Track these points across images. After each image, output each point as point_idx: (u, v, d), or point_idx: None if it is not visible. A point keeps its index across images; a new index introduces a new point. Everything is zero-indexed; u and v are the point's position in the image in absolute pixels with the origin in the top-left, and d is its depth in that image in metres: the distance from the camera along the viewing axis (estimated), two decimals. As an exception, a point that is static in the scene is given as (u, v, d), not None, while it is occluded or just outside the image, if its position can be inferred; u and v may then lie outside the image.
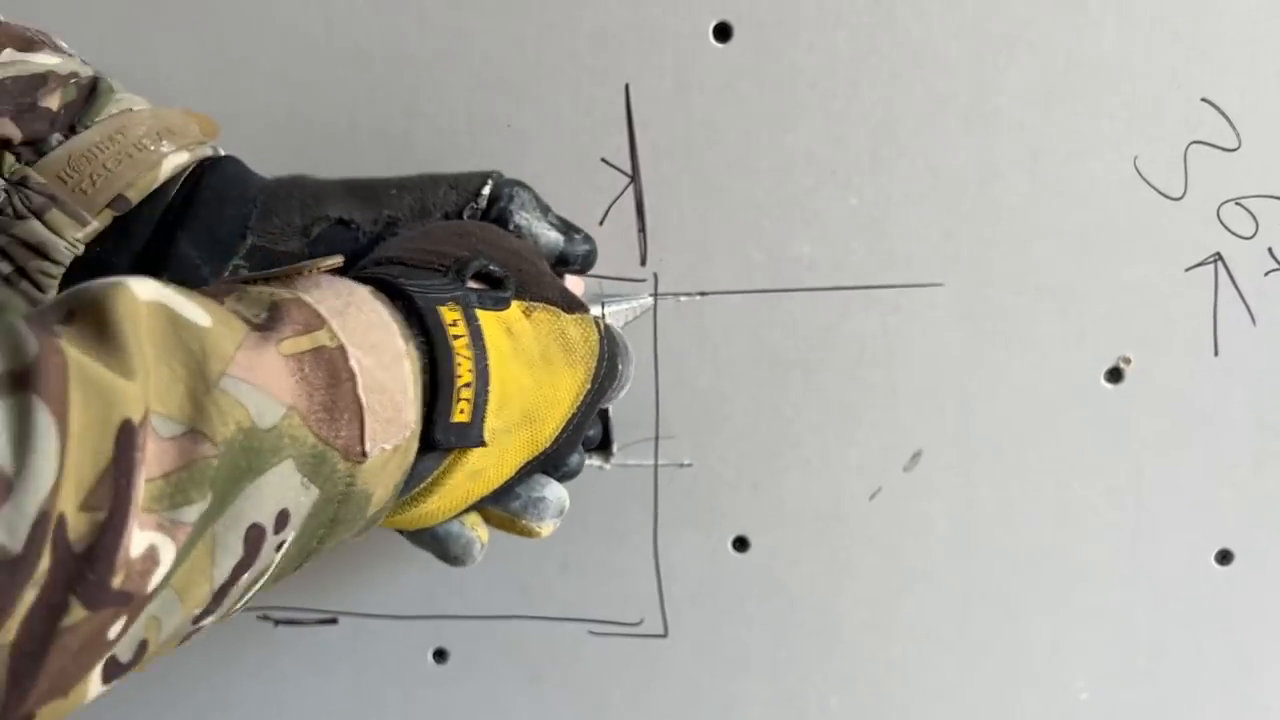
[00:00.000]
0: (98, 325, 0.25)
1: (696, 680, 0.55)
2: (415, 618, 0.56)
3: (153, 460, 0.25)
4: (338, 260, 0.35)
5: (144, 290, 0.27)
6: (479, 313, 0.34)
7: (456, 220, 0.41)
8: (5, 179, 0.38)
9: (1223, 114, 0.46)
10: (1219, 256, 0.48)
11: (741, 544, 0.53)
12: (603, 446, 0.53)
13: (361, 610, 0.56)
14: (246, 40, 0.49)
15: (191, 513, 0.25)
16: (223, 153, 0.43)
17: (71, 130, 0.39)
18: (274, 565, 0.29)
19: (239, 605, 0.30)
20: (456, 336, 0.33)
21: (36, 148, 0.39)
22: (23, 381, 0.23)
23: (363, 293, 0.32)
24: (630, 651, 0.55)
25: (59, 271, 0.39)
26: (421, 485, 0.35)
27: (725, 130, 0.48)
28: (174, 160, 0.40)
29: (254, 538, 0.28)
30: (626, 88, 0.48)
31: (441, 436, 0.32)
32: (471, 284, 0.36)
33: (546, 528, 0.41)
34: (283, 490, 0.28)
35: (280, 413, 0.28)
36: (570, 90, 0.48)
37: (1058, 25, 0.46)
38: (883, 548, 0.53)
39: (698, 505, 0.53)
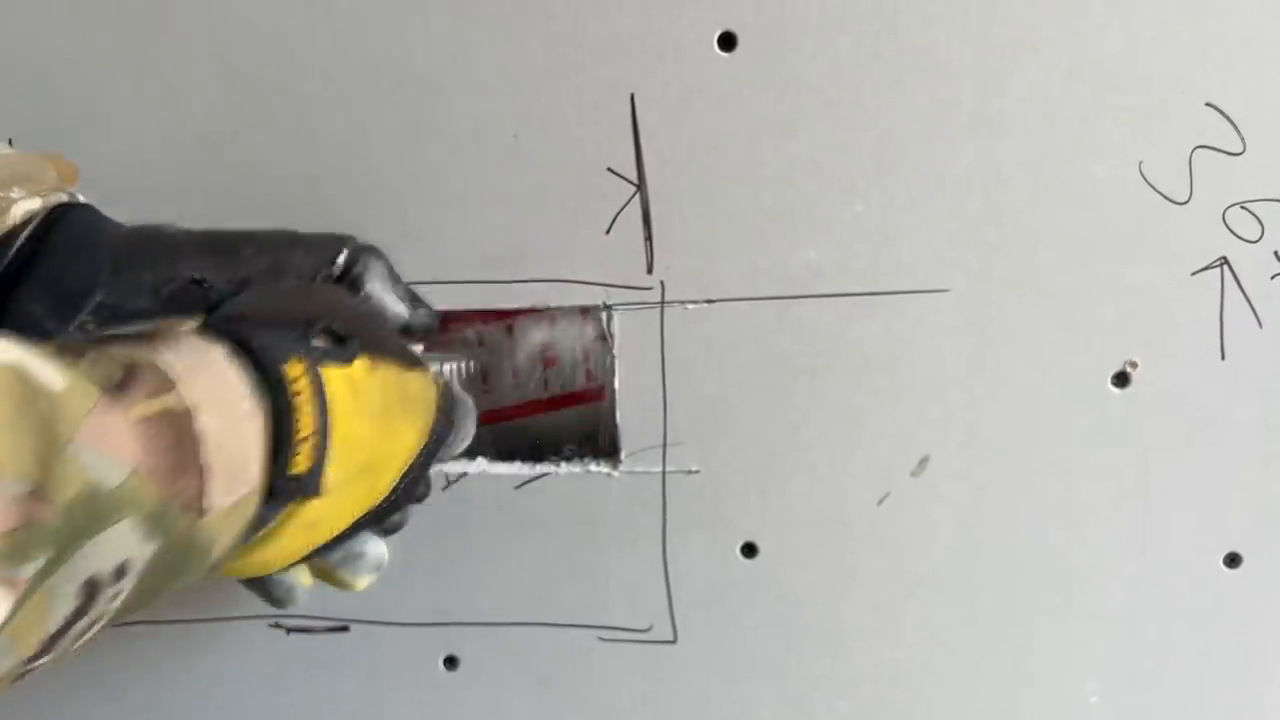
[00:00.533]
0: None
1: (706, 686, 0.55)
2: (425, 625, 0.56)
3: None
4: (193, 323, 0.35)
5: (2, 353, 0.28)
6: (323, 368, 0.36)
7: (306, 285, 0.41)
8: None
9: (1227, 118, 0.46)
10: (1225, 260, 0.48)
11: (750, 550, 0.53)
12: (610, 454, 0.53)
13: (372, 618, 0.56)
14: (253, 53, 0.49)
15: (29, 569, 0.26)
16: (81, 199, 0.42)
17: None
18: (111, 612, 0.30)
19: (75, 646, 0.30)
20: (297, 393, 0.34)
21: None
22: None
23: (216, 353, 0.33)
24: (639, 658, 0.55)
25: None
26: (258, 535, 0.36)
27: (730, 138, 0.48)
28: (24, 206, 0.39)
29: (90, 589, 0.28)
30: (632, 97, 0.48)
31: (280, 486, 0.34)
32: (318, 342, 0.37)
33: (362, 581, 0.42)
34: (122, 545, 0.29)
35: (124, 474, 0.29)
36: (575, 100, 0.48)
37: (1061, 30, 0.46)
38: (890, 553, 0.53)
39: (706, 511, 0.53)
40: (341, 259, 0.42)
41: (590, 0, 0.47)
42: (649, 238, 0.50)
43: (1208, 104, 0.46)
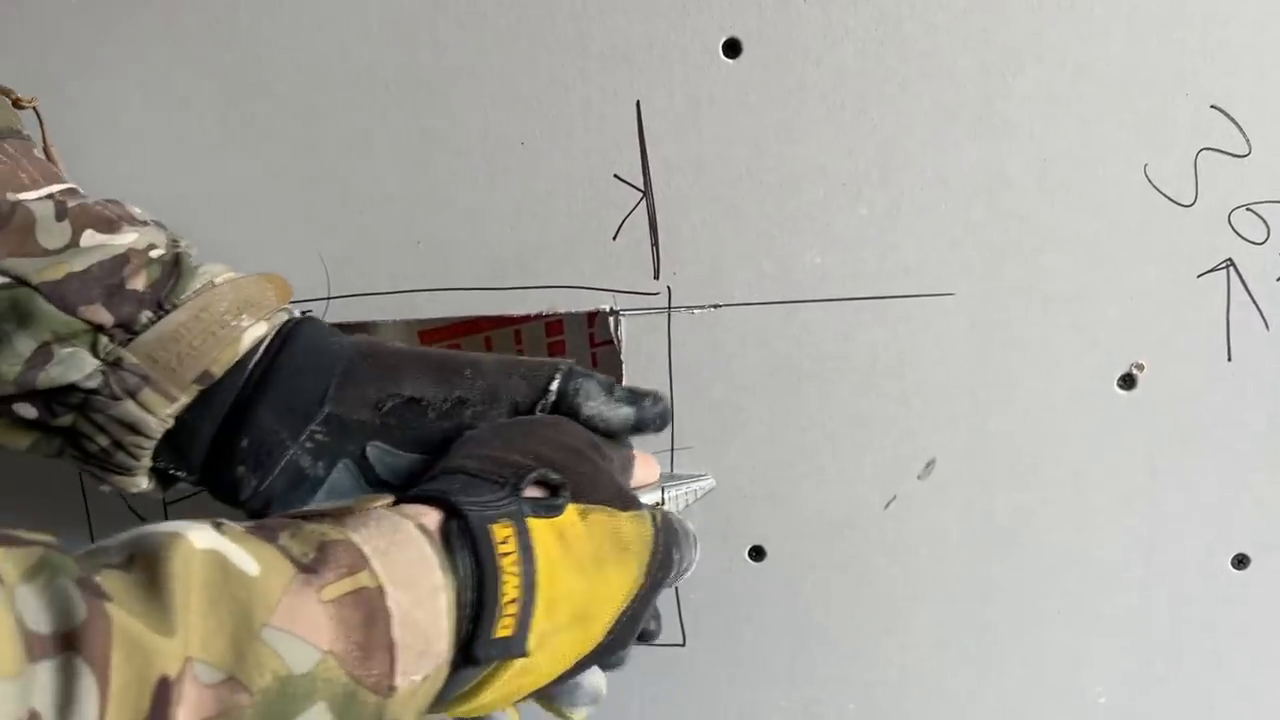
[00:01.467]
0: (149, 577, 0.28)
1: (715, 689, 0.56)
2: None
3: (191, 708, 0.27)
4: (387, 499, 0.36)
5: (200, 539, 0.30)
6: (531, 522, 0.36)
7: (527, 417, 0.42)
8: (101, 359, 0.40)
9: (1232, 120, 0.46)
10: (1231, 262, 0.48)
11: (758, 553, 0.54)
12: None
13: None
14: (265, 66, 0.49)
15: None
16: (298, 314, 0.44)
17: (159, 306, 0.41)
18: None
19: None
20: (506, 554, 0.35)
21: (127, 328, 0.40)
22: (70, 643, 0.26)
23: (408, 529, 0.34)
24: (649, 661, 0.55)
25: (151, 444, 0.41)
26: (468, 686, 0.36)
27: (736, 144, 0.48)
28: (253, 333, 0.42)
29: None
30: (638, 104, 0.48)
31: (482, 653, 0.34)
32: (532, 490, 0.38)
33: (580, 714, 0.42)
34: None
35: (316, 658, 0.30)
36: (582, 108, 0.48)
37: (1065, 35, 0.46)
38: (898, 555, 0.53)
39: (714, 515, 0.53)
40: (555, 385, 0.42)
41: (595, 9, 0.47)
42: (656, 244, 0.50)
43: (1213, 106, 0.46)
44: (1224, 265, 0.48)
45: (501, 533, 0.35)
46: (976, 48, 0.46)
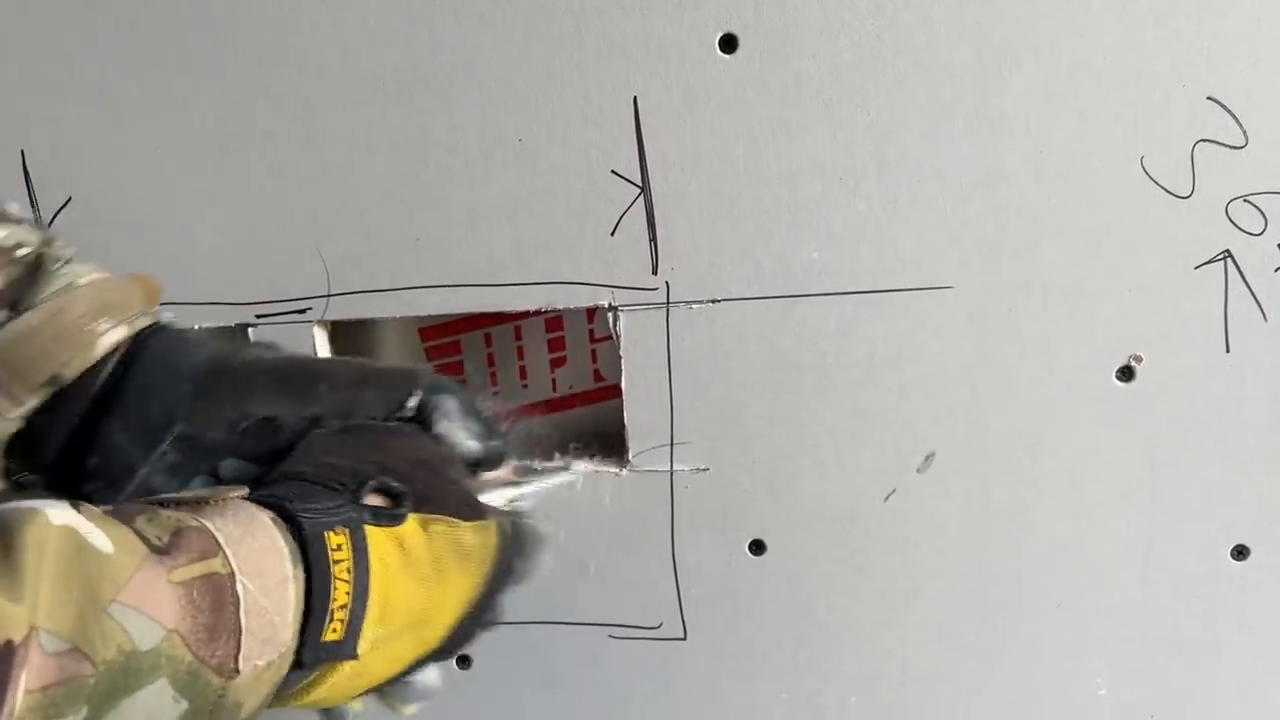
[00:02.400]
0: (3, 548, 0.29)
1: (716, 682, 0.56)
2: (438, 624, 0.57)
3: (34, 673, 0.27)
4: (243, 490, 0.37)
5: (57, 516, 0.30)
6: (370, 529, 0.37)
7: (376, 423, 0.42)
8: None
9: (1229, 112, 0.46)
10: (1229, 254, 0.48)
11: (758, 547, 0.54)
12: (619, 453, 0.54)
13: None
14: (264, 68, 0.49)
15: None
16: (164, 319, 0.43)
17: (13, 308, 0.40)
18: None
19: None
20: (338, 561, 0.35)
21: None
22: None
23: (263, 519, 0.35)
24: (650, 655, 0.56)
25: None
26: (299, 685, 0.37)
27: (733, 139, 0.48)
28: (110, 337, 0.41)
29: None
30: (635, 100, 0.48)
31: (309, 656, 0.35)
32: (373, 498, 0.38)
33: (410, 709, 0.43)
34: (155, 705, 0.31)
35: (161, 635, 0.31)
36: (579, 104, 0.49)
37: (1060, 28, 0.46)
38: (898, 548, 0.53)
39: (714, 509, 0.53)
40: (413, 401, 0.42)
41: (592, 5, 0.47)
42: (653, 239, 0.50)
43: (1209, 98, 0.46)
44: (1221, 257, 0.48)
45: (335, 539, 0.35)
46: (972, 41, 0.46)
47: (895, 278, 0.49)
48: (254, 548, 0.34)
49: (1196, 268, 0.48)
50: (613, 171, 0.49)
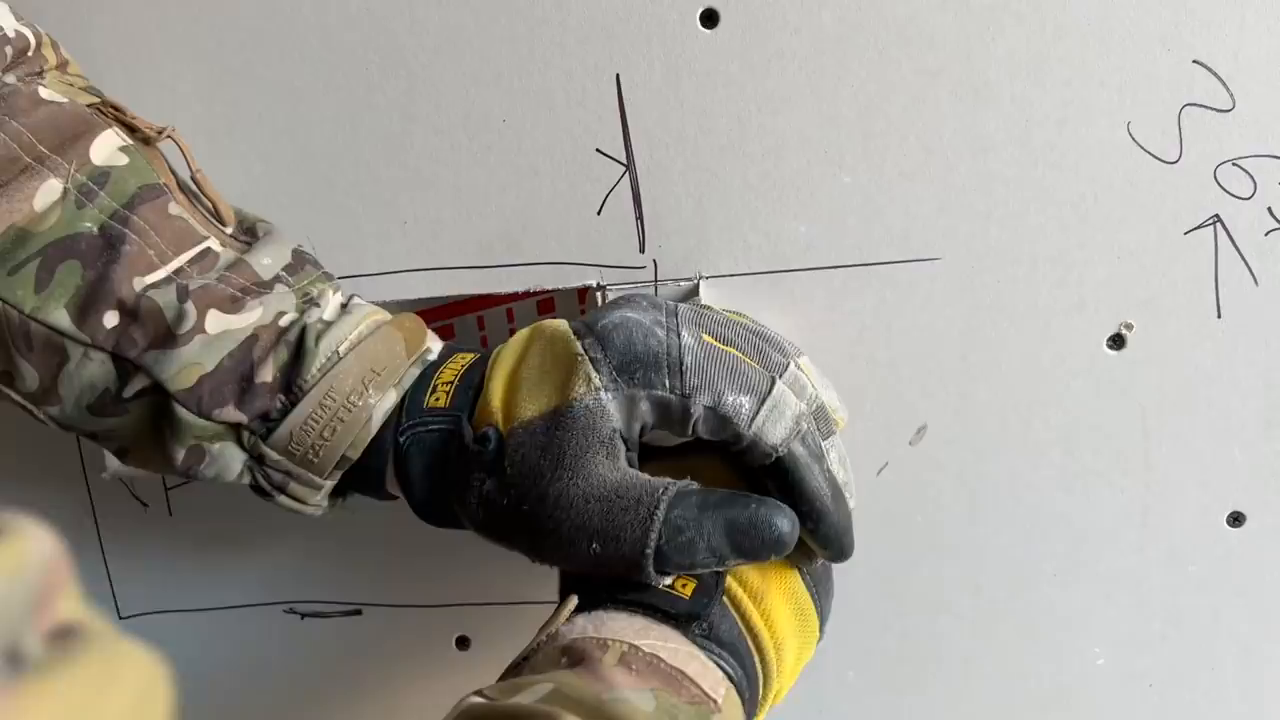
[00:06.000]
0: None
1: (714, 659, 0.56)
2: (437, 606, 0.57)
3: None
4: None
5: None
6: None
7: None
8: (247, 452, 0.41)
9: (1215, 75, 0.46)
10: (1218, 218, 0.48)
11: (752, 523, 0.54)
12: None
13: (385, 600, 0.57)
14: (245, 50, 0.50)
15: None
16: (433, 353, 0.44)
17: (289, 390, 0.41)
18: None
19: None
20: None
21: (264, 418, 0.41)
22: None
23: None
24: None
25: (319, 507, 0.44)
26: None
27: (717, 115, 0.48)
28: (383, 407, 0.42)
29: None
30: (617, 78, 0.48)
31: None
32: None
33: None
34: None
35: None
36: (562, 83, 0.49)
37: (1044, -6, 0.46)
38: (892, 522, 0.53)
39: (707, 487, 0.53)
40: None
41: (572, -17, 0.47)
42: (640, 217, 0.50)
43: (1195, 61, 0.46)
44: (1211, 221, 0.48)
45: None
46: (954, 10, 0.46)
47: (882, 250, 0.49)
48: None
49: (1186, 233, 0.48)
50: (597, 150, 0.49)
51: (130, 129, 0.42)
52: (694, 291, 0.50)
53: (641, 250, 0.50)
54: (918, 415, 0.51)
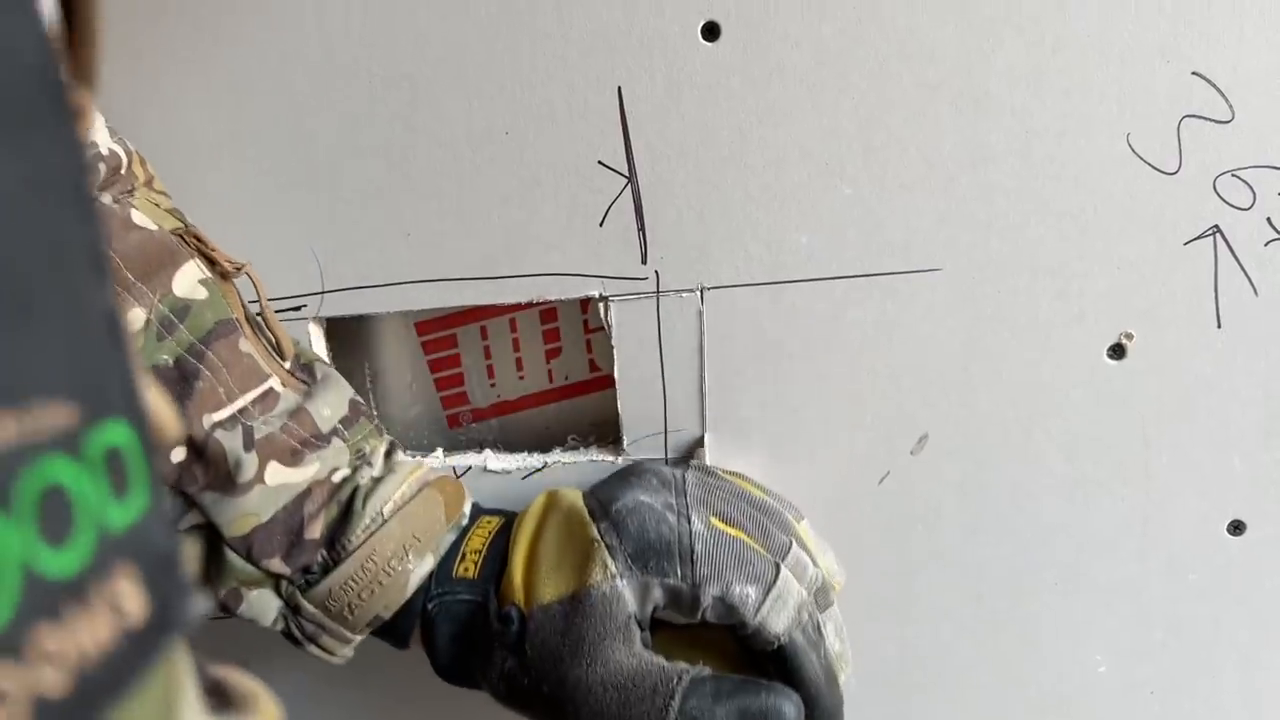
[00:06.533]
0: None
1: (716, 667, 0.56)
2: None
3: None
4: None
5: None
6: None
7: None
8: (284, 600, 0.42)
9: (1214, 86, 0.46)
10: (1217, 229, 0.48)
11: (754, 532, 0.54)
12: (614, 441, 0.54)
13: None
14: (250, 64, 0.50)
15: None
16: (466, 516, 0.46)
17: (331, 547, 0.42)
18: None
19: None
20: None
21: (305, 571, 0.42)
22: None
23: None
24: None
25: (344, 658, 0.45)
26: None
27: (718, 127, 0.48)
28: (419, 572, 0.43)
29: None
30: (619, 90, 0.49)
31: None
32: None
33: None
34: None
35: None
36: (564, 95, 0.49)
37: (1043, 6, 0.46)
38: (894, 531, 0.53)
39: (709, 496, 0.54)
40: None
41: (574, -3, 0.47)
42: (642, 228, 0.50)
43: (1194, 73, 0.46)
44: (1210, 232, 0.48)
45: None
46: (955, 22, 0.46)
47: (883, 261, 0.50)
48: None
49: (1186, 244, 0.48)
50: (599, 162, 0.50)
51: (210, 261, 0.43)
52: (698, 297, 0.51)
53: (644, 261, 0.51)
54: (919, 425, 0.52)
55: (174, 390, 0.39)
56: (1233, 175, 0.47)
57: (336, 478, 0.43)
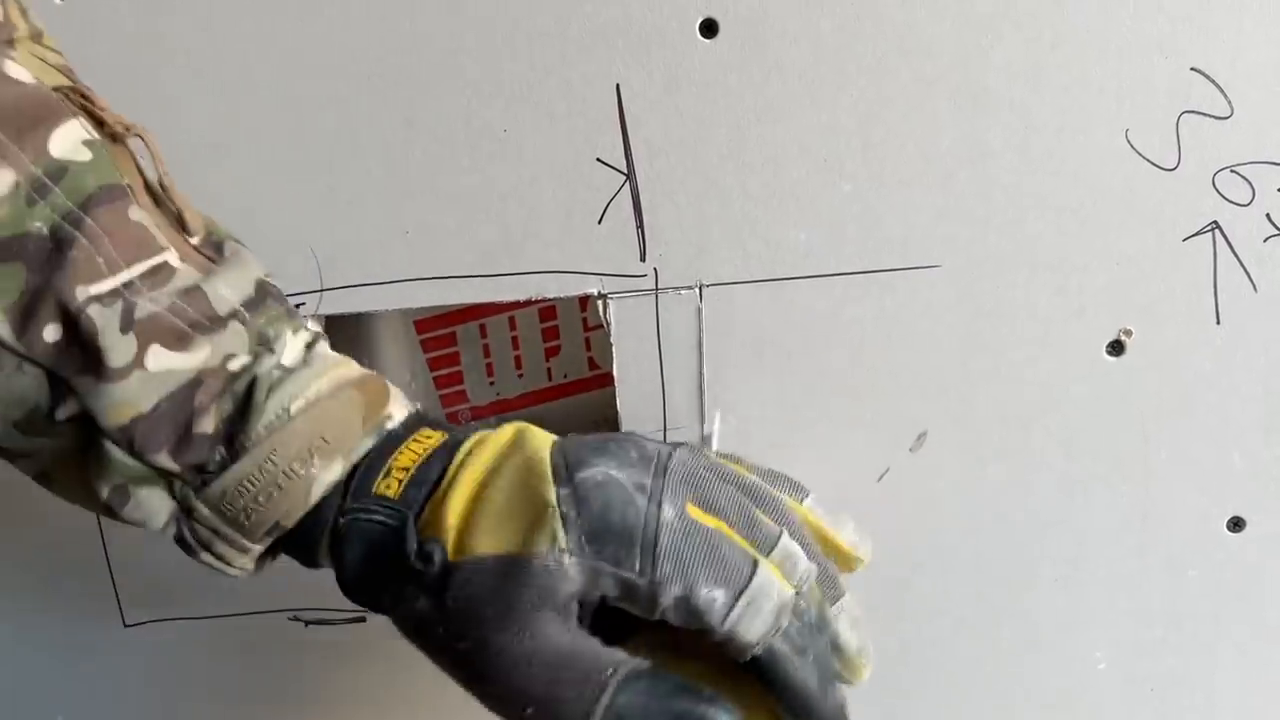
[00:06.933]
0: None
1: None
2: (441, 613, 0.57)
3: None
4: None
5: None
6: None
7: None
8: (177, 502, 0.38)
9: (1213, 82, 0.46)
10: (1216, 225, 0.48)
11: (754, 529, 0.54)
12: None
13: (388, 608, 0.57)
14: (247, 61, 0.50)
15: None
16: (394, 420, 0.40)
17: (230, 443, 0.37)
18: None
19: None
20: None
21: (200, 469, 0.37)
22: None
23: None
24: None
25: (245, 571, 0.41)
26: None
27: (716, 124, 0.48)
28: (325, 479, 0.38)
29: None
30: (617, 87, 0.48)
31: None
32: None
33: None
34: None
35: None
36: (562, 93, 0.49)
37: (1042, 1, 0.46)
38: (893, 527, 0.53)
39: (709, 493, 0.53)
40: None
41: (572, -6, 0.47)
42: (640, 226, 0.50)
43: (1193, 68, 0.46)
44: (1209, 228, 0.48)
45: None
46: (953, 18, 0.46)
47: (882, 258, 0.50)
48: None
49: (1185, 240, 0.48)
50: (598, 159, 0.50)
51: (98, 122, 0.38)
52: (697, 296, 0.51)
53: (643, 259, 0.51)
54: (918, 422, 0.52)
55: (48, 262, 0.35)
56: (1232, 171, 0.47)
57: (233, 365, 0.37)
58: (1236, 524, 0.52)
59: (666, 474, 0.38)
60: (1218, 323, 0.49)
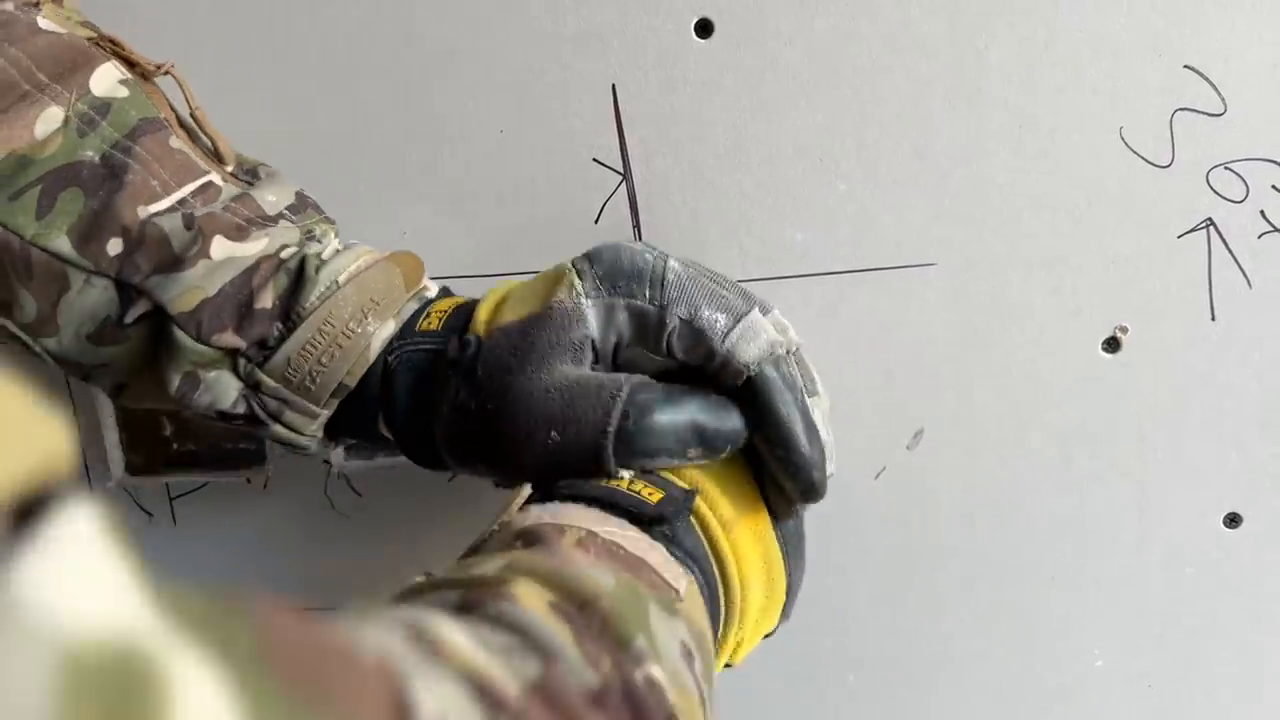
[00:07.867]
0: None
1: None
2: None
3: None
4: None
5: None
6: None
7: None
8: (243, 381, 0.41)
9: (1206, 79, 0.46)
10: (1211, 222, 0.48)
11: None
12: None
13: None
14: (245, 62, 0.50)
15: None
16: (431, 291, 0.45)
17: (286, 317, 0.41)
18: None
19: None
20: None
21: (261, 345, 0.41)
22: None
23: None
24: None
25: (314, 440, 0.44)
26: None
27: (712, 124, 0.49)
28: (381, 335, 0.42)
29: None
30: (613, 88, 0.49)
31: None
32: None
33: None
34: None
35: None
36: (559, 93, 0.49)
37: (1036, 0, 0.46)
38: (891, 526, 0.53)
39: (706, 492, 0.54)
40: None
41: (567, -5, 0.47)
42: (637, 225, 0.50)
43: (1186, 66, 0.46)
44: (1204, 225, 0.48)
45: None
46: (947, 18, 0.47)
47: (878, 256, 0.50)
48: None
49: (1179, 237, 0.48)
50: (594, 160, 0.50)
51: (129, 64, 0.42)
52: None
53: (639, 258, 0.51)
54: (914, 420, 0.52)
55: (103, 185, 0.38)
56: (1226, 168, 0.47)
57: (285, 254, 0.41)
58: (1233, 520, 0.52)
59: (672, 254, 0.42)
60: (1213, 319, 0.49)
